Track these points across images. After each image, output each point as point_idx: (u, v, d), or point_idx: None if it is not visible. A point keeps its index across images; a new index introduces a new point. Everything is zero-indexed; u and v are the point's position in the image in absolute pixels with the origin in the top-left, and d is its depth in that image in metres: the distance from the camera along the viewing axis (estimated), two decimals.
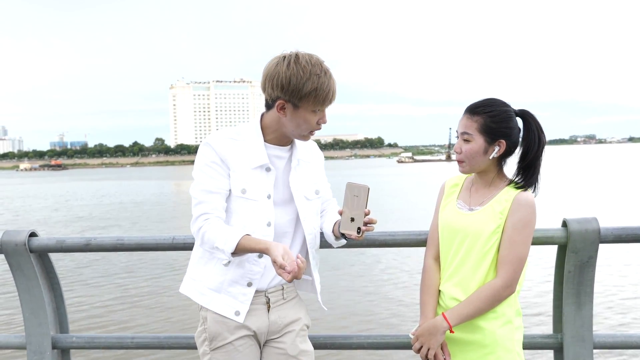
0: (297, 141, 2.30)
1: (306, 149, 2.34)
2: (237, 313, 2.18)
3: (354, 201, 2.06)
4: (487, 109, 2.15)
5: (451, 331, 2.13)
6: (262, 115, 2.24)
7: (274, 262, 1.95)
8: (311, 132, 2.19)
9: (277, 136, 2.21)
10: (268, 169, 2.19)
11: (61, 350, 2.99)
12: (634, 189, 33.15)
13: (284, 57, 2.10)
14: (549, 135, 2.27)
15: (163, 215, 28.95)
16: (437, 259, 2.33)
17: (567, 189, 32.13)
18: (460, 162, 2.21)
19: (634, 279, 11.02)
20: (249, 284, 2.19)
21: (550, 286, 2.74)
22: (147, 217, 27.81)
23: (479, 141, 2.14)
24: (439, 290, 2.27)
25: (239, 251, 2.05)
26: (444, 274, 2.27)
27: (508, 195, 2.15)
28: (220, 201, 2.14)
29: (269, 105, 2.19)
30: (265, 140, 2.20)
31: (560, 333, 2.64)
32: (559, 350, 2.66)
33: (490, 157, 2.17)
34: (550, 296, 2.71)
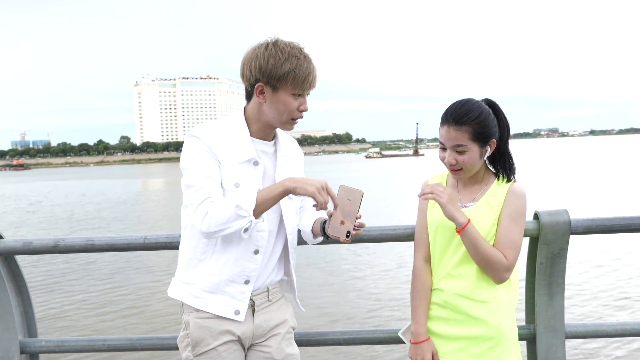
0: (280, 137, 2.26)
1: (289, 145, 2.30)
2: (237, 312, 2.12)
3: (346, 204, 2.03)
4: (472, 115, 2.09)
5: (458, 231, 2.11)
6: (245, 108, 2.19)
7: (312, 194, 1.97)
8: (293, 120, 2.12)
9: (261, 128, 2.16)
10: (256, 163, 2.13)
11: (30, 355, 2.92)
12: (599, 181, 33.86)
13: (262, 42, 2.08)
14: (513, 129, 2.28)
15: (149, 215, 28.35)
16: (428, 259, 2.30)
17: (535, 182, 32.60)
18: (456, 171, 2.17)
19: (604, 270, 11.21)
20: (247, 282, 2.13)
21: (522, 278, 2.77)
22: (136, 217, 27.06)
23: (474, 149, 2.11)
24: (437, 289, 2.24)
25: (259, 207, 2.00)
26: (442, 272, 2.23)
27: (502, 188, 2.18)
28: (219, 188, 2.05)
29: (249, 95, 2.14)
30: (250, 134, 2.15)
31: (533, 324, 2.66)
32: (531, 341, 2.69)
33: (485, 158, 2.19)
34: (523, 288, 2.74)
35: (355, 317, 9.04)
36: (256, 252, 2.12)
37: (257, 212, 2.01)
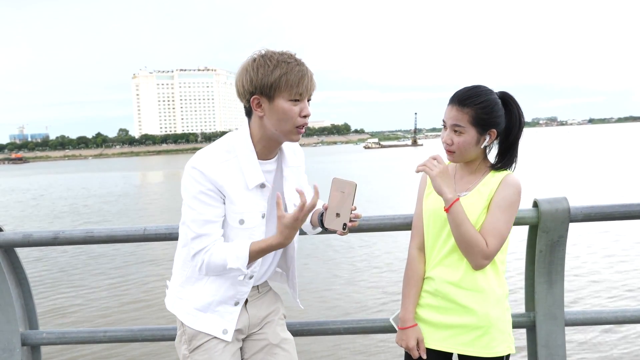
0: (284, 149, 2.19)
1: (292, 153, 2.24)
2: (225, 331, 2.15)
3: (340, 197, 2.01)
4: (477, 100, 2.10)
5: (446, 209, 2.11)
6: (249, 125, 2.10)
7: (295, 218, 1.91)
8: (298, 128, 2.02)
9: (266, 145, 2.08)
10: (263, 186, 2.09)
11: (31, 347, 2.92)
12: (599, 169, 33.85)
13: (251, 56, 2.01)
14: None
15: (152, 208, 28.26)
16: (422, 248, 2.31)
17: (535, 170, 32.59)
18: (450, 152, 2.18)
19: (603, 257, 11.23)
20: (236, 303, 2.17)
21: (521, 266, 2.78)
22: (138, 210, 26.97)
23: (471, 133, 2.12)
24: (428, 277, 2.27)
25: (252, 259, 2.01)
26: (434, 260, 2.25)
27: (495, 178, 2.17)
28: (220, 229, 2.04)
29: (248, 112, 2.07)
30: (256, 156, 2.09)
31: (533, 312, 2.67)
32: (531, 329, 2.70)
33: (482, 147, 2.18)
34: (522, 276, 2.74)
35: (358, 312, 9.03)
36: (250, 277, 2.16)
37: (253, 262, 2.03)
